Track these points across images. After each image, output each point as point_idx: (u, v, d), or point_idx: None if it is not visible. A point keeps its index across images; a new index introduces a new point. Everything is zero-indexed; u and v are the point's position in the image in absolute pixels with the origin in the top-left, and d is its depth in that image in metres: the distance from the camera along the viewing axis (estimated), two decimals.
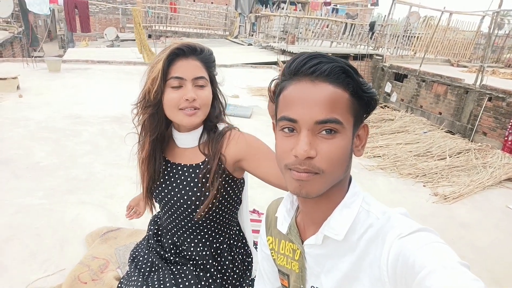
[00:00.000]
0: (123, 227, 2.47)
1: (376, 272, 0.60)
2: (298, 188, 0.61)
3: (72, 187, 2.98)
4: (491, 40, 7.35)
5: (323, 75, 0.59)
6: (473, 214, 3.18)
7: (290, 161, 0.60)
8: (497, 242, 2.75)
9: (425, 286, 0.48)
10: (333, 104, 0.59)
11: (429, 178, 3.71)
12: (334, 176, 0.61)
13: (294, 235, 0.74)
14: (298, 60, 0.62)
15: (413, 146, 4.53)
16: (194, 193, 1.05)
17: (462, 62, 10.76)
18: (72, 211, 2.63)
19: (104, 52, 11.22)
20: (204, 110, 1.02)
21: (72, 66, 8.60)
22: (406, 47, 11.34)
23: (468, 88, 7.20)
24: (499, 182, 3.76)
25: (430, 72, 8.26)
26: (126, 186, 3.07)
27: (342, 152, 0.60)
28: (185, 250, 1.13)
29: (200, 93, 0.99)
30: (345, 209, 0.65)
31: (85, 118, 4.80)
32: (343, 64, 0.60)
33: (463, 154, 4.45)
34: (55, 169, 3.28)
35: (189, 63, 0.99)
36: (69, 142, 3.94)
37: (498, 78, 8.45)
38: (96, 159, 3.55)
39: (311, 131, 0.59)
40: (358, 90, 0.61)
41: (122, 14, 18.58)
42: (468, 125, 7.14)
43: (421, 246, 0.53)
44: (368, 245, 0.62)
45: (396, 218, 0.62)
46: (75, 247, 2.26)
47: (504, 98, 6.38)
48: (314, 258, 0.71)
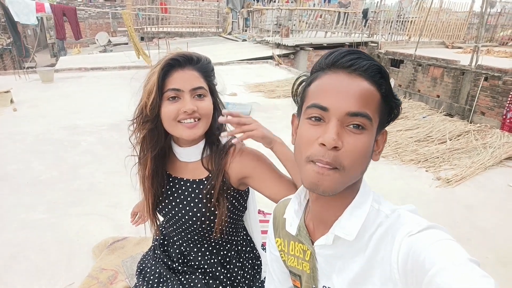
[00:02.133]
0: (129, 236, 2.47)
1: (386, 271, 0.60)
2: (316, 184, 0.60)
3: (75, 199, 2.97)
4: (484, 19, 7.30)
5: (361, 70, 0.59)
6: (477, 195, 3.18)
7: (314, 152, 0.59)
8: (502, 223, 2.75)
9: (436, 283, 0.48)
10: (366, 100, 0.59)
11: (431, 162, 3.71)
12: (352, 175, 0.61)
13: (303, 236, 0.74)
14: (336, 53, 0.62)
15: (413, 132, 4.52)
16: (199, 209, 1.04)
17: (457, 44, 10.72)
18: (76, 223, 2.63)
19: (97, 58, 11.14)
20: (206, 121, 0.98)
21: (65, 75, 8.54)
22: (400, 32, 11.28)
23: (464, 69, 7.18)
24: (500, 161, 3.76)
25: (426, 56, 8.23)
26: (129, 194, 3.05)
27: (366, 150, 0.60)
28: (193, 260, 1.13)
29: (200, 103, 0.95)
30: (356, 209, 0.65)
31: (83, 128, 4.77)
32: (380, 65, 0.61)
33: (462, 136, 4.44)
34: (56, 182, 3.27)
35: (185, 73, 0.95)
36: (68, 153, 3.93)
37: (493, 57, 8.42)
38: (97, 169, 3.53)
39: (340, 121, 0.58)
40: (389, 93, 0.62)
41: (113, 18, 18.44)
42: (466, 106, 7.13)
43: (431, 243, 0.54)
44: (378, 244, 0.62)
45: (405, 216, 0.62)
46: (82, 260, 2.26)
47: (500, 77, 6.37)
48: (325, 258, 0.71)
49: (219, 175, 1.00)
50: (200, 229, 1.05)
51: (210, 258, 1.11)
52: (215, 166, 1.01)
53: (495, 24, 11.63)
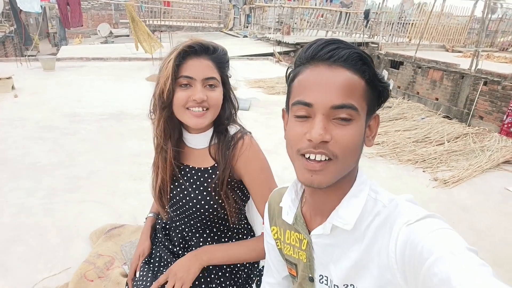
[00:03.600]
0: (127, 223, 2.48)
1: (384, 260, 0.60)
2: (310, 179, 0.60)
3: (73, 186, 2.97)
4: (485, 24, 7.32)
5: (341, 60, 0.58)
6: (473, 197, 3.21)
7: (304, 146, 0.60)
8: (497, 224, 2.78)
9: (434, 272, 0.48)
10: (350, 90, 0.58)
11: (429, 163, 3.73)
12: (346, 164, 0.61)
13: (300, 225, 0.73)
14: (315, 46, 0.61)
15: (412, 133, 4.54)
16: (204, 197, 1.05)
17: (457, 47, 10.74)
18: (74, 209, 2.64)
19: (98, 49, 11.10)
20: (213, 111, 0.99)
21: (66, 64, 8.50)
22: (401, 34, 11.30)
23: (463, 73, 7.20)
24: (497, 165, 3.79)
25: (426, 58, 8.25)
26: (127, 182, 3.07)
27: (356, 140, 0.60)
28: (194, 246, 1.13)
29: (210, 94, 0.96)
30: (353, 198, 0.65)
31: (83, 116, 4.77)
32: (361, 51, 0.60)
33: (460, 138, 4.48)
34: (55, 168, 3.27)
35: (200, 62, 0.95)
36: (67, 140, 3.93)
37: (493, 62, 8.45)
38: (96, 157, 3.54)
39: (326, 115, 0.58)
40: (374, 79, 0.61)
41: (115, 9, 18.34)
42: (465, 109, 7.16)
43: (428, 232, 0.53)
44: (376, 233, 0.62)
45: (403, 205, 0.62)
46: (79, 245, 2.27)
47: (499, 82, 6.39)
48: (322, 247, 0.70)
49: (226, 169, 1.01)
50: (203, 216, 1.06)
51: (211, 244, 1.13)
52: (222, 158, 1.02)
53: (496, 30, 11.67)
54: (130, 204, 2.74)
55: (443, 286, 0.46)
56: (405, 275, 0.56)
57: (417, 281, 0.52)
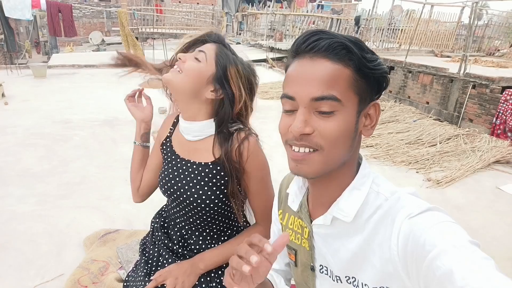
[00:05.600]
0: (121, 228, 2.45)
1: (386, 253, 0.59)
2: (296, 168, 0.61)
3: (66, 192, 2.93)
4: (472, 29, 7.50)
5: (321, 51, 0.58)
6: (466, 196, 3.25)
7: (289, 137, 0.61)
8: (490, 222, 2.82)
9: (436, 265, 0.48)
10: (331, 81, 0.57)
11: (422, 164, 3.78)
12: (334, 155, 0.60)
13: (304, 213, 0.73)
14: (298, 39, 0.61)
15: (404, 135, 4.60)
16: (205, 192, 1.04)
17: (446, 53, 10.96)
18: (67, 215, 2.60)
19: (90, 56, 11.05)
20: (184, 78, 0.99)
21: (58, 71, 8.45)
22: (391, 40, 11.49)
23: (452, 77, 7.34)
24: (488, 164, 3.85)
25: (416, 63, 8.38)
26: (121, 187, 3.03)
27: (342, 131, 0.59)
28: (193, 244, 1.12)
29: (189, 61, 1.00)
30: (354, 190, 0.65)
31: (75, 123, 4.72)
32: (344, 39, 0.58)
33: (452, 139, 4.54)
34: (47, 174, 3.22)
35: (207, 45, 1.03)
36: (59, 147, 3.88)
37: (481, 66, 8.62)
38: (89, 163, 3.50)
39: (307, 108, 0.58)
40: (362, 66, 0.58)
41: (107, 17, 18.33)
42: (455, 112, 7.28)
43: (431, 225, 0.53)
44: (377, 225, 0.62)
45: (405, 198, 0.61)
46: (72, 251, 2.23)
47: (488, 85, 6.52)
48: (322, 237, 0.70)
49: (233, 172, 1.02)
50: (204, 212, 1.06)
51: (211, 243, 1.12)
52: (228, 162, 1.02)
53: (482, 35, 11.96)
54: (124, 209, 2.71)
55: (446, 280, 0.46)
56: (407, 268, 0.55)
57: (419, 274, 0.52)
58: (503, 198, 3.26)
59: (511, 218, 2.95)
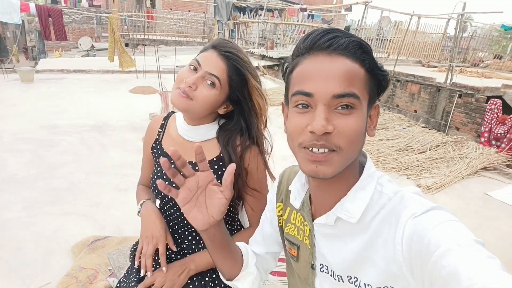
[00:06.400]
0: (111, 235, 2.39)
1: (390, 253, 0.59)
2: (314, 170, 0.59)
3: (53, 198, 2.85)
4: (457, 40, 7.72)
5: (340, 49, 0.57)
6: (455, 202, 3.30)
7: (306, 138, 0.58)
8: (479, 227, 2.86)
9: (441, 265, 0.47)
10: (351, 78, 0.57)
11: (412, 171, 3.83)
12: (350, 154, 0.60)
13: (306, 211, 0.73)
14: (313, 35, 0.60)
15: (394, 142, 4.67)
16: None
17: (432, 63, 11.24)
18: (54, 222, 2.52)
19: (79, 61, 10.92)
20: (197, 106, 0.95)
21: (46, 76, 8.30)
22: (380, 49, 11.73)
23: (439, 86, 7.51)
24: (476, 171, 3.93)
25: (404, 73, 8.57)
26: (111, 193, 2.97)
27: (359, 129, 0.59)
28: (186, 248, 1.11)
29: (202, 88, 0.94)
30: (360, 191, 0.64)
31: (63, 128, 4.63)
32: (360, 39, 0.59)
33: (441, 146, 4.63)
34: (33, 180, 3.14)
35: (213, 57, 0.95)
36: (47, 152, 3.79)
37: (466, 76, 8.86)
38: (77, 169, 3.42)
39: (327, 106, 0.57)
40: (374, 67, 0.60)
41: (97, 23, 18.22)
42: (442, 121, 7.43)
43: (435, 224, 0.53)
44: (381, 225, 0.61)
45: (409, 197, 0.61)
46: (60, 259, 2.16)
47: (473, 94, 6.70)
48: (324, 237, 0.70)
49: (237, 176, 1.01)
50: None
51: (204, 247, 1.10)
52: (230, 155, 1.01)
53: (467, 47, 12.34)
54: (114, 215, 2.65)
55: (451, 280, 0.45)
56: (412, 268, 0.55)
57: (423, 274, 0.51)
58: (491, 204, 3.32)
59: (499, 223, 3.01)
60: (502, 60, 11.63)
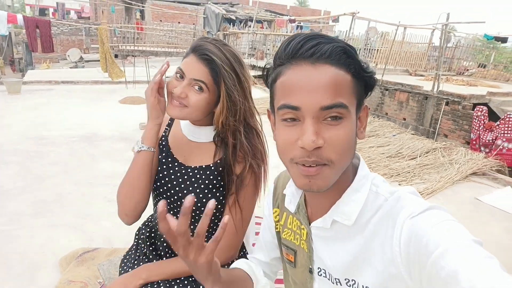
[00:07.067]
0: (100, 247, 2.32)
1: (388, 253, 0.58)
2: (308, 184, 0.58)
3: (41, 210, 2.77)
4: (443, 50, 7.93)
5: (324, 57, 0.55)
6: (447, 207, 3.25)
7: (297, 154, 0.56)
8: (471, 232, 2.85)
9: (440, 266, 0.47)
10: (337, 88, 0.55)
11: (403, 177, 3.86)
12: (343, 165, 0.59)
13: (302, 215, 0.71)
14: (294, 42, 0.57)
15: (385, 148, 4.71)
16: (205, 195, 1.02)
17: (419, 72, 11.50)
18: (41, 235, 2.44)
19: (68, 72, 10.82)
20: (192, 111, 0.96)
21: (34, 87, 8.18)
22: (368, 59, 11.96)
23: (427, 94, 7.67)
24: (466, 176, 3.98)
25: (392, 81, 8.73)
26: (100, 204, 2.90)
27: (350, 138, 0.58)
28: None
29: (192, 94, 0.94)
30: (354, 193, 0.63)
31: (51, 139, 4.54)
32: (344, 44, 0.57)
33: (430, 153, 4.69)
34: (20, 192, 3.05)
35: (196, 62, 0.95)
36: (34, 164, 3.70)
37: (452, 84, 9.09)
38: (66, 180, 3.34)
39: (316, 118, 0.55)
40: (360, 70, 0.58)
41: (86, 35, 18.16)
42: (430, 128, 7.56)
43: (433, 224, 0.52)
44: (378, 226, 0.60)
45: (405, 197, 0.60)
46: (47, 272, 2.08)
47: (460, 102, 6.86)
48: (321, 240, 0.69)
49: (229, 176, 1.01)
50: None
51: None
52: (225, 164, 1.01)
53: (452, 56, 12.70)
54: (104, 226, 2.58)
55: (451, 280, 0.45)
56: (409, 268, 0.54)
57: (422, 274, 0.51)
58: (482, 208, 3.36)
59: (490, 227, 3.04)
60: (486, 69, 11.99)
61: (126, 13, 20.41)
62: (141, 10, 18.98)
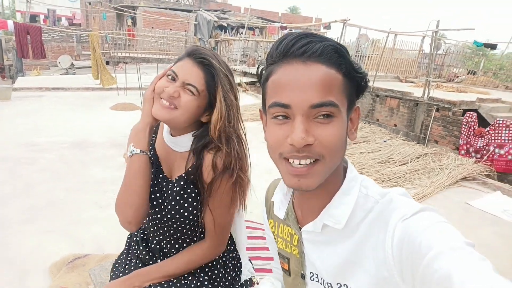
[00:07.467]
0: (91, 253, 2.29)
1: (380, 256, 0.57)
2: (297, 183, 0.58)
3: (30, 216, 2.73)
4: (433, 56, 8.09)
5: (315, 55, 0.55)
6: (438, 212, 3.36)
7: (286, 149, 0.57)
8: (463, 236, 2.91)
9: (434, 268, 0.47)
10: (328, 86, 0.55)
11: (394, 182, 3.89)
12: (333, 162, 0.59)
13: (291, 220, 0.71)
14: (286, 41, 0.57)
15: (376, 154, 4.75)
16: (182, 206, 1.01)
17: (410, 78, 11.69)
18: (31, 241, 2.40)
19: (59, 79, 10.72)
20: (182, 113, 0.94)
21: (24, 94, 8.08)
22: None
23: (418, 101, 7.79)
24: (456, 181, 4.03)
25: (383, 88, 8.85)
26: (91, 210, 2.87)
27: (340, 137, 0.57)
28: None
29: (184, 96, 0.93)
30: (344, 196, 0.63)
31: (42, 145, 4.48)
32: (335, 43, 0.57)
33: (421, 158, 4.75)
34: (9, 198, 3.00)
35: (190, 66, 0.94)
36: (24, 170, 3.65)
37: (442, 91, 9.25)
38: (56, 186, 3.30)
39: (306, 116, 0.55)
40: (351, 70, 0.58)
41: (77, 41, 18.06)
42: (421, 134, 7.66)
43: (426, 227, 0.52)
44: (370, 229, 0.60)
45: (397, 199, 0.60)
46: (37, 280, 2.05)
47: (450, 108, 6.98)
48: (313, 244, 0.68)
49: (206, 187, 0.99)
50: (183, 226, 1.02)
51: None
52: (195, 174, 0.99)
53: (442, 63, 12.95)
54: (95, 232, 2.55)
55: (444, 283, 0.45)
56: (402, 271, 0.54)
57: (414, 277, 0.50)
58: (472, 213, 3.40)
59: (481, 231, 3.08)
60: (475, 76, 12.23)
61: (118, 19, 20.38)
62: (133, 16, 18.98)
